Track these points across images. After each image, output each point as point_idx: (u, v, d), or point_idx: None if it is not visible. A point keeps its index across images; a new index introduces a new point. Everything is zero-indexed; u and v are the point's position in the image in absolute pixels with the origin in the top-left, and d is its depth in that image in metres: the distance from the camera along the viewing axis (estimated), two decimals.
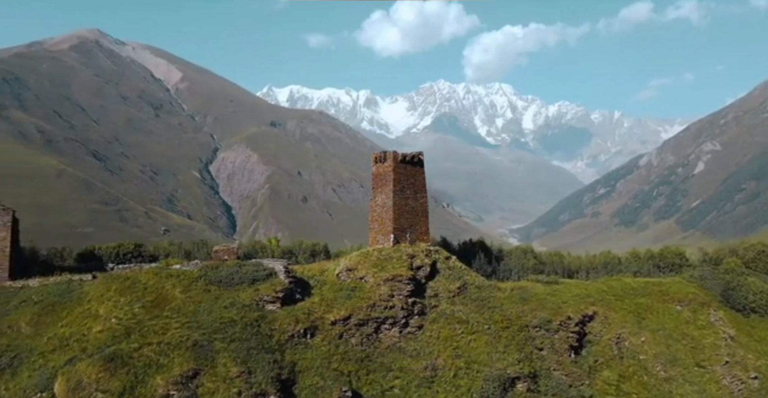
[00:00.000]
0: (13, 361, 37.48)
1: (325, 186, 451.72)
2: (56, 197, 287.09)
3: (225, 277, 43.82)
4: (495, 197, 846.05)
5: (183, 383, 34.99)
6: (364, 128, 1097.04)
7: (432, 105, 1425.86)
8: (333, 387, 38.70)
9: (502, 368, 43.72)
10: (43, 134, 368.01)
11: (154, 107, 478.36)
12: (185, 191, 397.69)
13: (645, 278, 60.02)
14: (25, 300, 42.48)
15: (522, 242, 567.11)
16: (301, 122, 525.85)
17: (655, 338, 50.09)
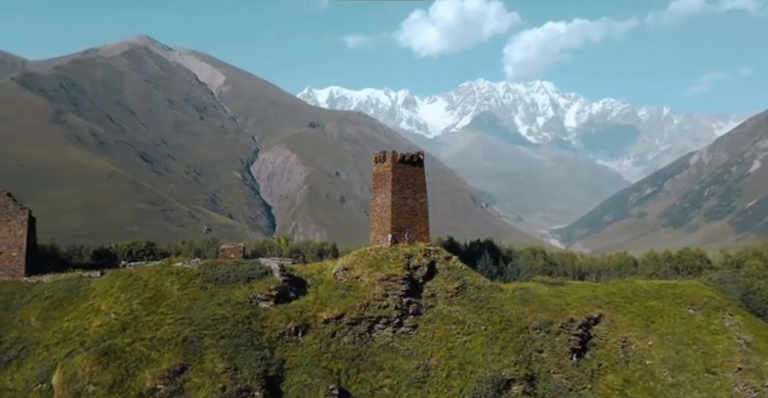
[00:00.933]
0: (20, 353, 39.90)
1: (362, 186, 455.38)
2: (107, 197, 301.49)
3: (222, 275, 44.94)
4: (536, 197, 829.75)
5: (170, 377, 36.27)
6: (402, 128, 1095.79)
7: (471, 104, 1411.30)
8: (320, 384, 39.17)
9: (497, 369, 43.32)
10: (96, 137, 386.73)
11: (198, 110, 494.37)
12: (227, 191, 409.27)
13: (659, 281, 58.59)
14: (37, 295, 44.92)
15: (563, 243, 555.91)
16: (340, 122, 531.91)
17: (664, 342, 48.76)
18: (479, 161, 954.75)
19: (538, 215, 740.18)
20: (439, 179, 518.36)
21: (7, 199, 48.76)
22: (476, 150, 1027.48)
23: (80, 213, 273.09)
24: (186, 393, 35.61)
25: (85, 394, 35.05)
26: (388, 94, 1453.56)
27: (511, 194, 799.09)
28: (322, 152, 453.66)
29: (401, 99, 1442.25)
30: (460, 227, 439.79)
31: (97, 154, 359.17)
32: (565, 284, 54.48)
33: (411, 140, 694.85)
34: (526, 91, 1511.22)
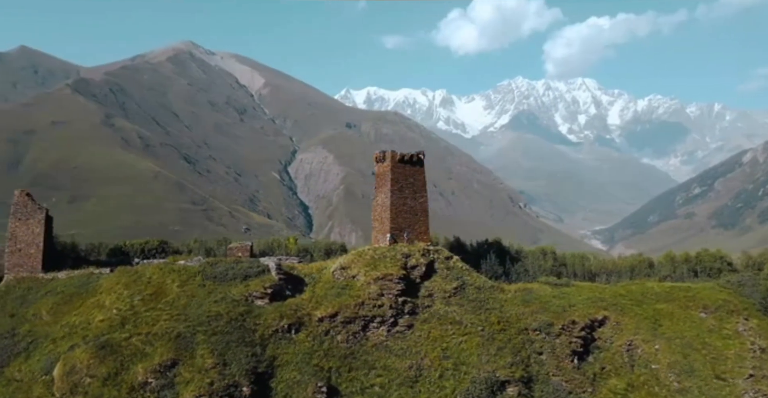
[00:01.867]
0: (29, 345, 42.09)
1: None
2: (152, 197, 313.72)
3: (220, 273, 46.09)
4: (577, 197, 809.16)
5: (161, 372, 37.49)
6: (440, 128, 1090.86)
7: (510, 103, 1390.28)
8: (310, 382, 39.66)
9: (491, 371, 42.92)
10: (142, 139, 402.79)
11: (239, 112, 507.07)
12: (266, 191, 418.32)
13: (671, 283, 56.78)
14: (50, 290, 47.30)
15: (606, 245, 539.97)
16: (376, 123, 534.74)
17: (671, 346, 47.15)
18: (518, 160, 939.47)
19: (579, 216, 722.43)
20: (475, 179, 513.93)
21: (26, 199, 51.88)
22: (515, 150, 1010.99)
23: (128, 213, 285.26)
24: (176, 387, 36.82)
25: (81, 386, 36.77)
26: (425, 94, 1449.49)
27: (551, 194, 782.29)
28: (359, 152, 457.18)
29: (438, 99, 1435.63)
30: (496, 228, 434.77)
31: (144, 156, 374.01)
32: (570, 285, 53.48)
33: (448, 139, 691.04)
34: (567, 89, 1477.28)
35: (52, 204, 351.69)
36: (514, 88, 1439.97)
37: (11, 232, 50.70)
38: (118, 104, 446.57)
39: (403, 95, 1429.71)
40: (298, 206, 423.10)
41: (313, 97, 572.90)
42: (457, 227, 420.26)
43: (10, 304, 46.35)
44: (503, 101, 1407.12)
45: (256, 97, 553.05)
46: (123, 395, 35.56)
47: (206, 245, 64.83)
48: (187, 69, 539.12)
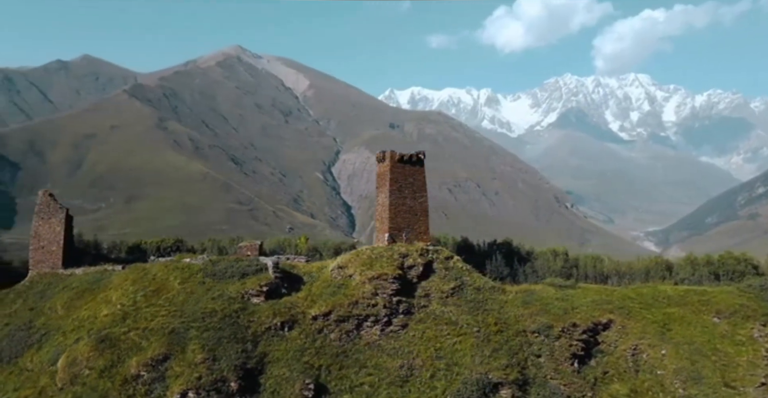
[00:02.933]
0: (42, 337, 44.57)
1: (440, 186, 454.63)
2: (200, 197, 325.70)
3: (219, 271, 47.45)
4: (629, 196, 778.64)
5: (153, 365, 39.04)
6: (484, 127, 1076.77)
7: (557, 101, 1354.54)
8: (298, 378, 40.27)
9: (483, 372, 42.47)
10: (192, 142, 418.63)
11: (284, 113, 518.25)
12: (309, 191, 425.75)
13: (686, 286, 54.48)
14: (66, 286, 49.87)
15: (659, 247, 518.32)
16: (419, 123, 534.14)
17: (678, 352, 45.44)
18: (565, 159, 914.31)
19: (630, 217, 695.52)
20: (520, 179, 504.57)
21: (49, 199, 55.39)
22: (562, 148, 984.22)
23: (178, 212, 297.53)
24: (166, 380, 38.33)
25: (80, 377, 38.86)
26: (469, 94, 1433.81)
27: (601, 194, 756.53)
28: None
29: (483, 98, 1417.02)
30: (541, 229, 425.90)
31: (193, 157, 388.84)
32: (576, 287, 52.27)
33: (493, 139, 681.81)
34: (618, 85, 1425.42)
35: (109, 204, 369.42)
36: (561, 86, 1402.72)
37: (35, 230, 54.35)
38: (171, 108, 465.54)
39: (447, 95, 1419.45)
40: (341, 206, 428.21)
41: (357, 98, 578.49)
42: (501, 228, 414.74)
43: (31, 298, 49.69)
44: (550, 98, 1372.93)
45: (300, 99, 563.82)
46: (116, 387, 37.54)
47: (219, 244, 67.05)
48: (236, 73, 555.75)
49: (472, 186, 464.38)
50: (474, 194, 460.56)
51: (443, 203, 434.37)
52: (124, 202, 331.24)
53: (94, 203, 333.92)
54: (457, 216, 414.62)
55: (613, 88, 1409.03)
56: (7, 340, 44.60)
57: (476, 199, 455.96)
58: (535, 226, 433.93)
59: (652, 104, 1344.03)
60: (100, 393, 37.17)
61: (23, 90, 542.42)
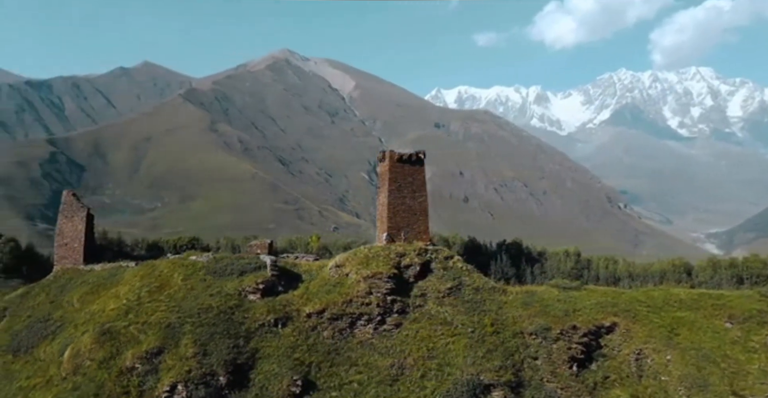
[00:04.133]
0: (57, 329, 47.09)
1: (487, 186, 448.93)
2: (249, 197, 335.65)
3: (220, 268, 48.77)
4: (689, 196, 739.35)
5: (147, 358, 40.59)
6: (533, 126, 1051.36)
7: (611, 97, 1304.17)
8: (286, 374, 40.81)
9: (475, 373, 41.92)
10: (242, 143, 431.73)
11: (330, 114, 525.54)
12: (355, 191, 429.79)
13: (701, 290, 51.61)
14: (84, 281, 52.46)
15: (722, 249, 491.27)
16: (465, 122, 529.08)
17: (684, 357, 43.37)
18: (619, 157, 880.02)
19: (690, 217, 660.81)
20: (569, 178, 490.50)
21: (72, 198, 58.70)
22: (616, 146, 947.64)
23: (228, 211, 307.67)
24: (159, 373, 39.78)
25: (82, 368, 40.95)
26: (518, 92, 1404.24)
27: (658, 194, 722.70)
28: (446, 152, 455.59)
29: (532, 96, 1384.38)
30: (591, 230, 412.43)
31: (242, 158, 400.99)
32: (582, 289, 50.65)
33: (542, 137, 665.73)
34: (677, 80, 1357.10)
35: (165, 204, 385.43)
36: (615, 82, 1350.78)
37: (59, 228, 57.83)
38: (222, 111, 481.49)
39: (495, 93, 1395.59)
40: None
41: (402, 98, 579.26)
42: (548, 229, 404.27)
43: (53, 292, 52.85)
44: (603, 95, 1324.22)
45: (347, 99, 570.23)
46: (112, 378, 39.38)
47: (233, 243, 68.99)
48: (284, 75, 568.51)
49: (518, 186, 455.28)
50: (521, 193, 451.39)
51: (489, 203, 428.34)
52: (179, 201, 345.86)
53: (151, 202, 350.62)
54: (503, 216, 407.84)
55: (671, 83, 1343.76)
56: (26, 331, 47.75)
57: (523, 199, 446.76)
58: (585, 227, 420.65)
59: (716, 99, 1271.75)
60: (97, 383, 39.16)
61: (89, 96, 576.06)
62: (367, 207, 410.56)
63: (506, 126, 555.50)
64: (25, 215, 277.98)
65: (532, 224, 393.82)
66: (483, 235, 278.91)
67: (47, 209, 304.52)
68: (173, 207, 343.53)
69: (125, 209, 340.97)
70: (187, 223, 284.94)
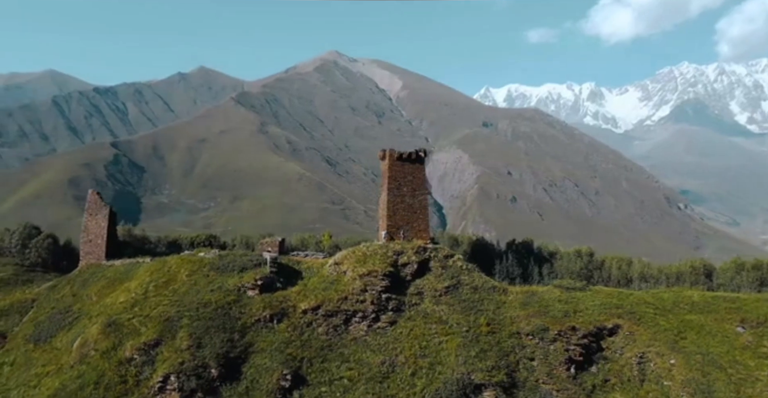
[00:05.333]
0: (74, 321, 49.59)
1: (535, 186, 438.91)
2: (296, 197, 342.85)
3: (223, 265, 50.07)
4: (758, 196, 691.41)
5: (145, 350, 42.25)
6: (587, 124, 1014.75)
7: (672, 92, 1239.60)
8: (277, 369, 41.50)
9: (466, 372, 41.42)
10: (290, 144, 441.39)
11: (377, 115, 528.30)
12: None
13: (715, 292, 48.63)
14: (104, 275, 55.00)
15: None
16: (514, 121, 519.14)
17: (689, 362, 41.45)
18: (680, 156, 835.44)
19: (760, 219, 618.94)
20: (623, 177, 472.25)
21: (96, 197, 61.89)
22: (677, 144, 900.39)
23: (276, 211, 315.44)
24: (155, 364, 41.39)
25: (87, 357, 43.16)
26: (570, 89, 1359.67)
27: (723, 194, 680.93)
28: (494, 151, 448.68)
29: (586, 92, 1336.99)
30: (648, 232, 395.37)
31: (290, 159, 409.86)
32: (587, 289, 48.88)
33: (595, 135, 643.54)
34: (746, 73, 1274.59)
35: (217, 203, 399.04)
36: (677, 76, 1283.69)
37: (85, 225, 61.14)
38: (272, 113, 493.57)
39: (546, 91, 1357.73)
40: (432, 205, 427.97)
41: (450, 98, 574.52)
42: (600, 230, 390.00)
43: (76, 286, 55.96)
44: (663, 90, 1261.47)
45: (394, 100, 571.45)
46: (112, 367, 41.37)
47: (248, 240, 70.72)
48: (332, 77, 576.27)
49: (569, 185, 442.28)
50: (571, 193, 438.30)
51: (538, 204, 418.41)
52: (229, 201, 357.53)
53: (204, 202, 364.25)
54: (553, 217, 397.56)
55: (740, 76, 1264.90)
56: (48, 322, 50.88)
57: (573, 199, 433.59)
58: (641, 228, 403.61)
59: None
60: (98, 372, 41.26)
61: (150, 101, 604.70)
62: None
63: (556, 124, 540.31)
64: None
65: (583, 226, 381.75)
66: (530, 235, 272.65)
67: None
68: (225, 207, 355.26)
69: (180, 209, 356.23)
70: (237, 222, 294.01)
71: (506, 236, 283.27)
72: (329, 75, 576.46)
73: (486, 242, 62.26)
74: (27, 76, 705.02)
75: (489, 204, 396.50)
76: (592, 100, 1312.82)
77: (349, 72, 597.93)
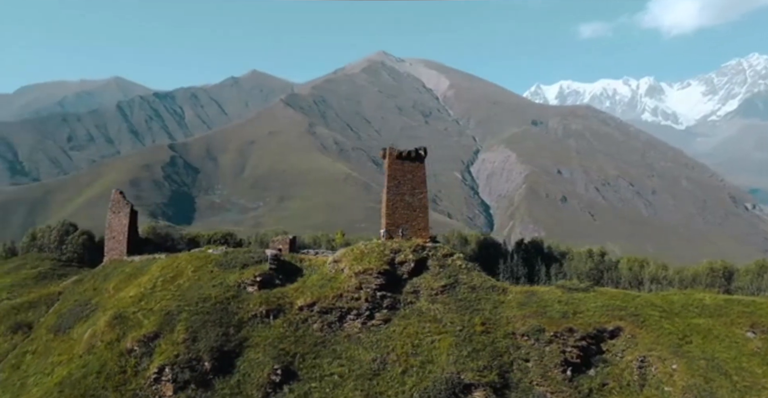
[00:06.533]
0: (91, 313, 51.90)
1: (587, 185, 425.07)
2: (342, 197, 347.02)
3: (226, 261, 51.36)
4: None
5: (144, 341, 43.85)
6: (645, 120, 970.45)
7: (740, 86, 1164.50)
8: (269, 363, 42.16)
9: (455, 372, 40.84)
10: (337, 145, 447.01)
11: (424, 115, 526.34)
12: (447, 191, 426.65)
13: (733, 296, 45.42)
14: (122, 270, 57.38)
15: None
16: (565, 118, 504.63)
17: (691, 367, 39.38)
18: (749, 152, 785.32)
19: None
20: (684, 176, 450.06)
21: (119, 196, 64.80)
22: (745, 140, 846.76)
23: (323, 210, 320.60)
24: (153, 356, 42.95)
25: (94, 348, 45.32)
26: (627, 84, 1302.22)
27: None
28: (544, 149, 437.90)
29: (644, 88, 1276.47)
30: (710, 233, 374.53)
31: (337, 159, 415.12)
32: (591, 290, 46.91)
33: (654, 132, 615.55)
34: None
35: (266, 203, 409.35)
36: (746, 68, 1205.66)
37: (109, 223, 64.16)
38: (320, 114, 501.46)
39: (600, 87, 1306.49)
40: (479, 205, 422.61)
41: (498, 96, 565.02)
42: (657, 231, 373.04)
43: (98, 280, 58.85)
44: (731, 83, 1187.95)
45: (441, 99, 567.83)
46: (114, 358, 43.29)
47: (263, 238, 71.98)
48: (379, 77, 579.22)
49: (623, 185, 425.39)
50: (626, 193, 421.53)
51: (590, 203, 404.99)
52: (277, 201, 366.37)
53: (253, 202, 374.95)
54: (606, 217, 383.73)
55: None
56: (68, 314, 53.72)
57: (628, 199, 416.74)
58: (703, 229, 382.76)
59: None
60: (101, 362, 43.29)
61: (205, 105, 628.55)
62: (460, 207, 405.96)
63: (610, 121, 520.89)
64: (149, 213, 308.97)
65: (639, 226, 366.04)
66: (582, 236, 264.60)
67: (167, 207, 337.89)
68: (273, 206, 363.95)
69: (231, 208, 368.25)
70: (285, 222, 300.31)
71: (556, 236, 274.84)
72: (376, 75, 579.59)
73: (494, 241, 60.85)
74: (95, 83, 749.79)
75: (538, 204, 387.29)
76: (651, 95, 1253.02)
77: (396, 72, 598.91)
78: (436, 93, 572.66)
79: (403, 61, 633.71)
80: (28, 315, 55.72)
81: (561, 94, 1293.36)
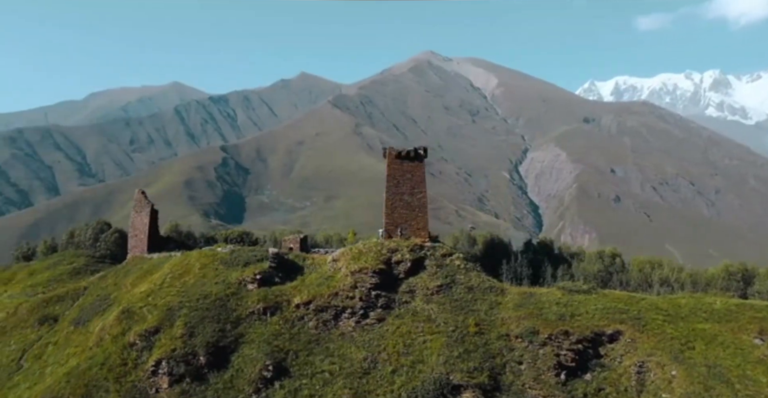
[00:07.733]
0: (108, 307, 54.18)
1: (643, 184, 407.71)
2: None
3: (231, 259, 52.55)
4: None
5: (145, 335, 45.48)
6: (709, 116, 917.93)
7: None
8: (262, 359, 42.88)
9: (445, 373, 40.29)
10: (383, 145, 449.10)
11: (471, 114, 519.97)
12: (494, 191, 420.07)
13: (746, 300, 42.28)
14: (141, 267, 59.66)
15: None
16: (619, 115, 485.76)
17: (691, 374, 37.37)
18: None
19: None
20: (751, 174, 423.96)
21: (141, 196, 67.41)
22: None
23: (368, 210, 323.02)
24: (152, 350, 44.51)
25: (102, 341, 47.46)
26: (689, 78, 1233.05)
27: None
28: (595, 148, 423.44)
29: (708, 81, 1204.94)
30: None
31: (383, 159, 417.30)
32: (594, 292, 44.88)
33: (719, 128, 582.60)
34: None
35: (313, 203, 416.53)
36: None
37: (132, 221, 66.93)
38: (366, 115, 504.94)
39: (659, 82, 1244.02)
40: (527, 205, 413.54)
41: (548, 94, 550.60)
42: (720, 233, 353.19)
43: (120, 276, 61.42)
44: None
45: (489, 98, 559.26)
46: (117, 350, 45.14)
47: (276, 237, 72.98)
48: (426, 77, 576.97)
49: (683, 184, 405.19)
50: (686, 192, 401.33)
51: (645, 203, 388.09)
52: (324, 201, 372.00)
53: (301, 201, 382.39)
54: (663, 218, 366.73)
55: None
56: (89, 307, 56.35)
57: (688, 198, 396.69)
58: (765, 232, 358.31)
59: None
60: (106, 354, 45.26)
61: (256, 107, 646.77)
62: (507, 207, 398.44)
63: (669, 118, 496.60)
64: (203, 212, 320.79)
65: (700, 228, 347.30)
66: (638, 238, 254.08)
67: (219, 207, 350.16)
68: (320, 206, 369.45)
69: (280, 208, 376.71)
70: (331, 221, 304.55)
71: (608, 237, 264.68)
72: (423, 75, 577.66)
73: (501, 241, 59.18)
74: (156, 88, 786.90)
75: (589, 204, 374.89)
76: (716, 89, 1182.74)
77: (443, 71, 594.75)
78: (484, 92, 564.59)
79: (450, 60, 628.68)
80: (55, 309, 59.03)
81: (617, 90, 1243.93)
